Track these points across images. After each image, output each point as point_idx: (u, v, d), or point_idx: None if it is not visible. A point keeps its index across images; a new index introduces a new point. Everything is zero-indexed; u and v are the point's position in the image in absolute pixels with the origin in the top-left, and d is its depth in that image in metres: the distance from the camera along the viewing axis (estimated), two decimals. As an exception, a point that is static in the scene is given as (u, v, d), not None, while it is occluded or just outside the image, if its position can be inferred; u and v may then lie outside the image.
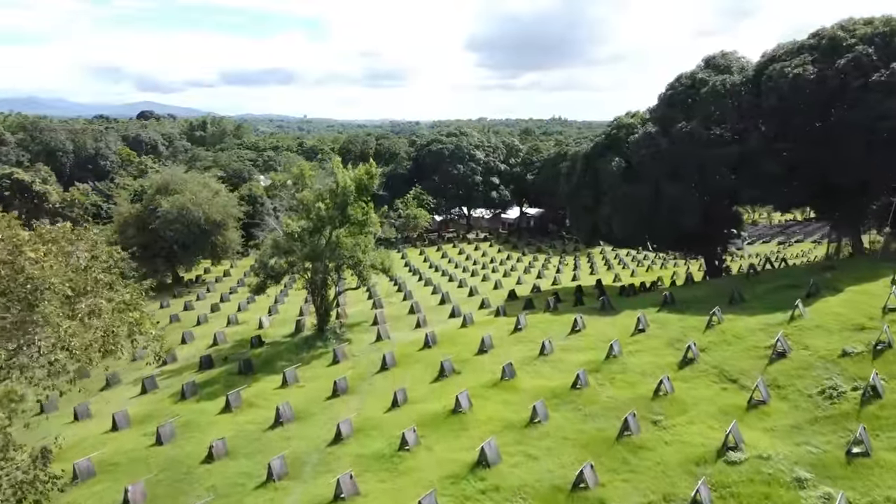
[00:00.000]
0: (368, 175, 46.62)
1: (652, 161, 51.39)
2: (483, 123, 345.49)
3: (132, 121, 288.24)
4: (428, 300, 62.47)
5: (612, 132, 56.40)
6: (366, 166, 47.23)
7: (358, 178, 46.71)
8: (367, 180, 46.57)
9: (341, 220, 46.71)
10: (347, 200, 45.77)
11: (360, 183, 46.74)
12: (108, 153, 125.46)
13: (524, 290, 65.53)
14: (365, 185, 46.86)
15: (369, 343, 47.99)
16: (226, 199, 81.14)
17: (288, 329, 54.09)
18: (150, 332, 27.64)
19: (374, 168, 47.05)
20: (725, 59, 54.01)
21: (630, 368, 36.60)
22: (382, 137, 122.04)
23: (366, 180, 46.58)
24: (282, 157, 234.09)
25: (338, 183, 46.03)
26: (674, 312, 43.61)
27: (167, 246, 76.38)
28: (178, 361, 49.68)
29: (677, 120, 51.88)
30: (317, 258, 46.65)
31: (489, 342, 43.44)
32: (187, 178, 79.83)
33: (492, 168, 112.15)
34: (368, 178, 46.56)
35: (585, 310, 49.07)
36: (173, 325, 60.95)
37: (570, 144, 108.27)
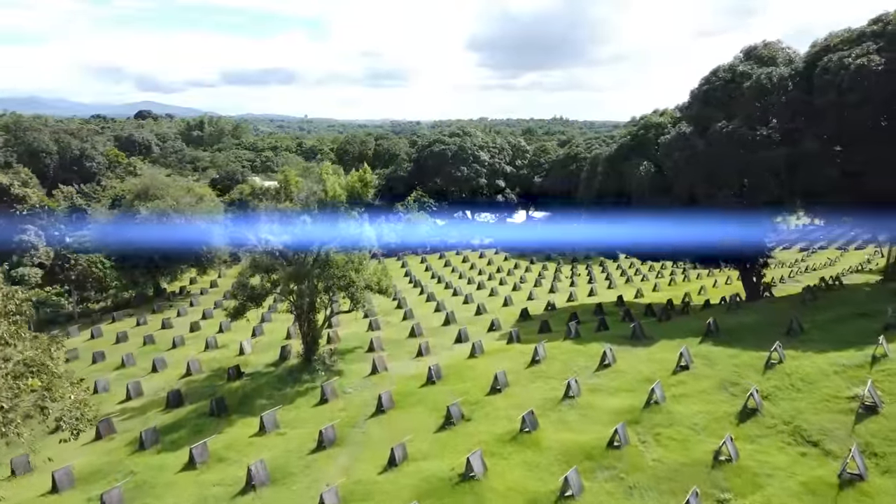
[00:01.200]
0: (362, 182, 39.92)
1: (686, 165, 44.63)
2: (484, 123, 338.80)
3: (129, 120, 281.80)
4: (430, 320, 55.67)
5: (638, 132, 49.60)
6: (359, 172, 40.51)
7: (349, 186, 40.01)
8: (359, 188, 39.89)
9: (331, 235, 39.98)
10: (338, 212, 39.02)
11: (353, 191, 40.04)
12: (94, 154, 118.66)
13: (537, 307, 58.72)
14: (358, 193, 40.15)
15: (363, 377, 41.20)
16: (211, 204, 74.38)
17: (272, 356, 47.32)
18: (67, 397, 20.78)
19: (369, 174, 40.35)
20: (769, 49, 47.19)
21: (677, 420, 29.87)
22: (382, 138, 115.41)
23: (359, 188, 39.90)
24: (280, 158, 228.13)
25: (326, 191, 39.29)
26: (721, 345, 36.85)
27: (147, 256, 69.65)
28: (145, 395, 42.90)
29: (715, 119, 45.14)
30: (303, 279, 39.94)
31: (503, 379, 36.68)
32: (169, 182, 73.08)
33: (497, 170, 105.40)
34: (362, 185, 39.87)
35: (613, 337, 42.30)
36: (146, 349, 54.19)
37: (581, 145, 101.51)
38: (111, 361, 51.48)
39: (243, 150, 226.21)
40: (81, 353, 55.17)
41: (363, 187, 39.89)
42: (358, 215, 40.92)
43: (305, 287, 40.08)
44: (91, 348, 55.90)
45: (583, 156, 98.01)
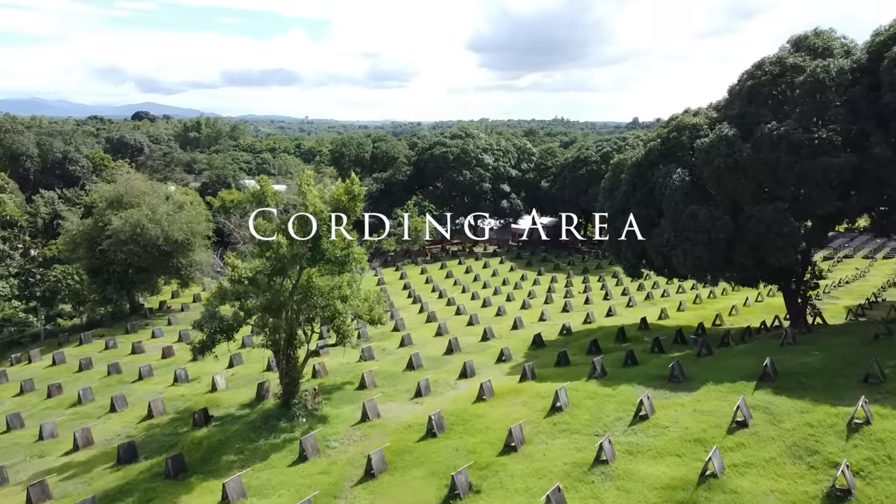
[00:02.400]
0: (349, 195, 33.22)
1: (730, 174, 37.93)
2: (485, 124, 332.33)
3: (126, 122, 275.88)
4: (431, 347, 48.99)
5: (669, 135, 42.83)
6: (345, 183, 33.79)
7: (335, 200, 33.31)
8: (346, 202, 33.17)
9: (312, 258, 33.30)
10: (320, 231, 32.31)
11: (338, 206, 33.35)
12: (78, 157, 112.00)
13: (550, 331, 51.99)
14: (344, 207, 33.45)
15: (351, 425, 34.44)
16: (192, 213, 67.66)
17: (247, 393, 40.63)
18: None
19: (357, 185, 33.60)
20: (822, 38, 40.48)
21: (745, 503, 23.21)
22: (380, 140, 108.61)
23: (345, 202, 33.18)
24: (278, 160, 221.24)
25: (307, 205, 32.60)
26: (783, 393, 30.12)
27: (120, 270, 63.07)
28: (95, 445, 36.16)
29: (762, 119, 38.44)
30: (279, 310, 33.27)
31: (519, 434, 29.96)
32: (146, 189, 66.36)
33: (501, 174, 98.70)
34: (349, 199, 33.15)
35: (645, 376, 35.54)
36: (110, 380, 47.57)
37: (591, 148, 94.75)
38: (68, 396, 44.88)
39: (241, 152, 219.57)
40: (38, 383, 48.65)
41: (350, 201, 33.18)
42: (345, 233, 34.22)
43: (283, 319, 33.38)
44: (49, 378, 49.33)
45: (593, 159, 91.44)
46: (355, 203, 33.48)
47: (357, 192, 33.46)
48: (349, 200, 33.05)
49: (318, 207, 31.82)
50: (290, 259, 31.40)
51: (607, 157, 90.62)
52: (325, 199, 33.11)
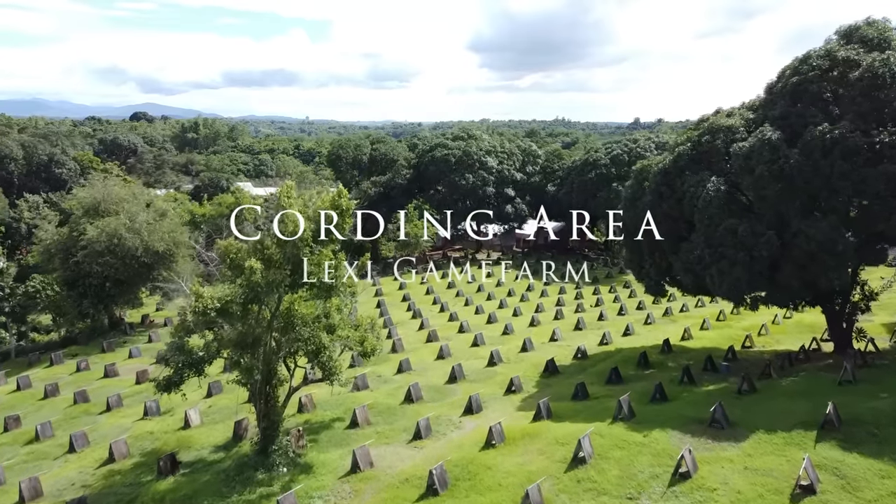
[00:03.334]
0: (337, 209, 28.15)
1: (774, 183, 32.88)
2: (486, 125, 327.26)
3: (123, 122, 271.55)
4: (432, 373, 43.97)
5: (701, 139, 37.72)
6: (331, 196, 28.71)
7: (319, 216, 28.26)
8: (332, 218, 28.11)
9: (293, 283, 28.28)
10: (301, 253, 27.29)
11: (327, 219, 28.32)
12: (64, 160, 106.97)
13: (564, 354, 46.95)
14: (332, 223, 28.42)
15: (339, 476, 29.38)
16: (175, 221, 62.59)
17: (224, 432, 35.56)
18: None
19: (345, 198, 28.54)
20: (876, 28, 35.40)
21: None
22: (378, 142, 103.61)
23: (331, 218, 28.12)
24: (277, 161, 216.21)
25: (286, 222, 27.58)
26: (854, 449, 25.06)
27: (97, 283, 58.08)
28: (43, 498, 31.14)
29: (810, 120, 33.42)
30: (254, 345, 28.22)
31: (537, 497, 24.92)
32: (126, 195, 61.33)
33: (506, 177, 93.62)
34: (337, 213, 28.09)
35: (681, 419, 30.48)
36: (74, 411, 42.56)
37: (601, 150, 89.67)
38: (26, 430, 39.82)
39: (239, 153, 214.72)
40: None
41: (340, 216, 28.12)
42: (333, 253, 29.20)
43: (259, 356, 28.34)
44: (11, 406, 44.37)
45: (602, 162, 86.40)
46: (344, 219, 28.43)
47: (346, 206, 28.40)
48: (339, 215, 28.00)
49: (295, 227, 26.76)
50: (264, 287, 26.33)
51: (617, 160, 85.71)
52: (308, 214, 28.06)
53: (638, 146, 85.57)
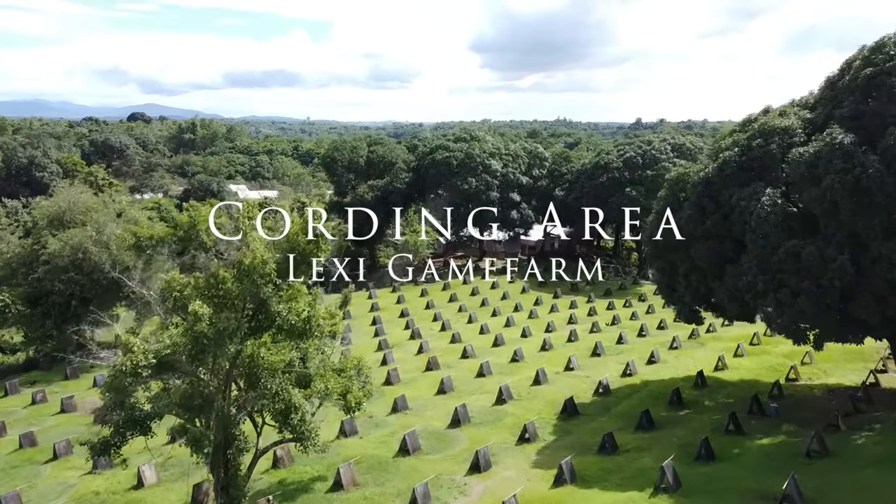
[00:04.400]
0: (307, 236, 22.02)
1: (848, 197, 26.75)
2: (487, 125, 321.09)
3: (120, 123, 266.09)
4: (432, 412, 37.85)
5: (751, 143, 31.56)
6: (301, 219, 22.56)
7: (290, 243, 22.17)
8: (304, 246, 22.01)
9: (257, 326, 22.21)
10: (262, 292, 21.16)
11: (294, 248, 22.21)
12: (46, 163, 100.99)
13: (582, 387, 40.80)
14: (303, 252, 22.32)
15: (314, 569, 23.35)
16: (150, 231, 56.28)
17: (180, 497, 29.46)
18: None
19: (320, 221, 22.40)
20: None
21: None
22: (376, 144, 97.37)
23: (302, 245, 22.02)
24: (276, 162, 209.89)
25: (246, 252, 21.47)
26: None
27: (61, 301, 52.07)
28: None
29: (892, 119, 27.27)
30: (204, 408, 22.13)
31: None
32: (94, 204, 55.23)
33: (511, 181, 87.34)
34: (308, 243, 21.98)
35: (740, 492, 24.36)
36: (17, 457, 36.43)
37: (612, 153, 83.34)
38: (-46, 486, 33.77)
39: (237, 154, 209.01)
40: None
41: (310, 245, 22.02)
42: (306, 287, 23.14)
43: (212, 421, 22.24)
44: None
45: (615, 165, 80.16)
46: (319, 247, 22.32)
47: (322, 230, 22.29)
48: (307, 244, 21.91)
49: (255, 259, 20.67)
50: (213, 339, 20.22)
51: (631, 163, 79.50)
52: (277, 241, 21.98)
53: (653, 149, 79.35)
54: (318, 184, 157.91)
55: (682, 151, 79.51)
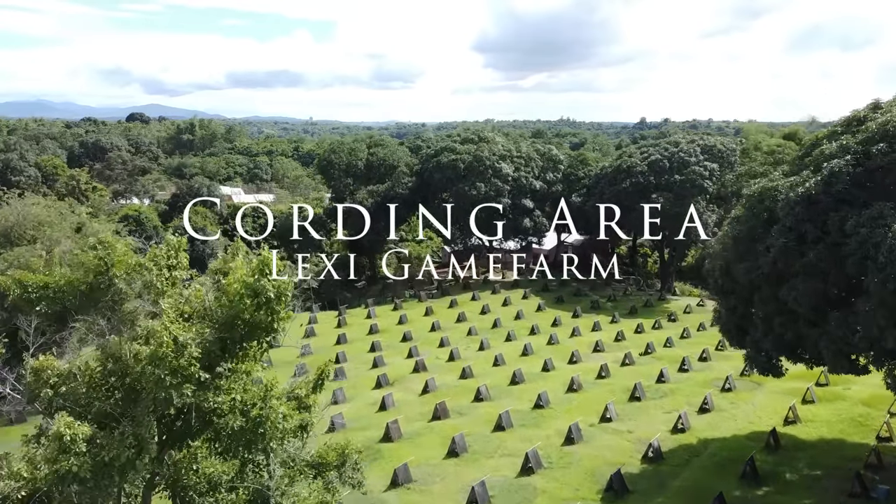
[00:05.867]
0: (259, 298, 14.02)
1: None
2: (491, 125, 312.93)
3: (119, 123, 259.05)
4: (440, 488, 29.82)
5: (870, 148, 23.50)
6: (256, 261, 14.54)
7: (232, 311, 14.16)
8: (251, 311, 14.04)
9: (180, 432, 14.30)
10: (179, 391, 13.21)
11: (238, 316, 14.21)
12: (22, 166, 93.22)
13: (627, 450, 32.79)
14: (252, 322, 14.33)
15: None
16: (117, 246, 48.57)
17: None
18: None
19: (275, 265, 14.36)
20: None
21: None
22: (377, 145, 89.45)
23: (249, 311, 14.05)
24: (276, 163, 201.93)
25: (152, 332, 13.52)
26: None
27: (6, 331, 44.14)
28: None
29: None
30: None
31: None
32: (46, 217, 47.34)
33: (523, 186, 79.37)
34: (257, 309, 13.98)
35: None
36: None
37: (635, 155, 75.21)
38: None
39: (236, 155, 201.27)
40: None
41: (261, 309, 14.07)
42: (260, 351, 15.19)
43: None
44: None
45: (639, 169, 72.02)
46: (275, 313, 14.36)
47: (283, 288, 14.31)
48: (259, 308, 13.98)
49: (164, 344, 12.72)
50: (93, 478, 12.32)
51: (656, 166, 71.38)
52: (202, 309, 14.06)
53: (680, 150, 71.21)
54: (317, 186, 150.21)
55: (713, 154, 71.40)
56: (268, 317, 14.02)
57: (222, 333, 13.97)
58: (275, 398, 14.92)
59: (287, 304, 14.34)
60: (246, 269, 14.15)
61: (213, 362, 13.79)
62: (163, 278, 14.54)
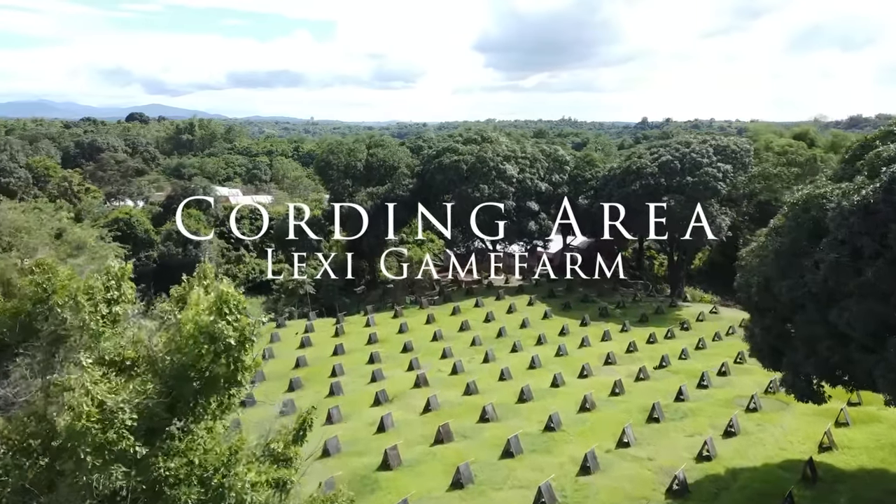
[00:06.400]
0: (216, 342, 10.96)
1: None
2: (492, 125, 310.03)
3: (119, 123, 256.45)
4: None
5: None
6: (215, 299, 11.52)
7: (182, 360, 11.08)
8: (206, 364, 10.96)
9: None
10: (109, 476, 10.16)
11: (193, 366, 11.13)
12: (12, 167, 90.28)
13: (648, 480, 29.74)
14: (204, 377, 11.24)
15: None
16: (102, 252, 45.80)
17: None
18: None
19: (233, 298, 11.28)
20: None
21: None
22: (376, 146, 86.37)
23: (205, 361, 10.99)
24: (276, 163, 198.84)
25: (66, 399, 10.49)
26: None
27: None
28: None
29: None
30: None
31: None
32: (23, 223, 44.30)
33: (529, 188, 76.33)
34: (215, 354, 10.94)
35: None
36: None
37: (645, 156, 72.05)
38: None
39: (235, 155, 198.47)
40: None
41: (226, 354, 11.06)
42: (220, 409, 12.14)
43: None
44: None
45: (649, 171, 68.95)
46: (239, 362, 11.30)
47: (248, 331, 11.25)
48: (217, 357, 10.94)
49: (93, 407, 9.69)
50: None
51: (667, 168, 68.29)
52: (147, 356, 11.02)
53: (692, 151, 68.07)
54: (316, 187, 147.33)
55: (727, 154, 68.29)
56: (229, 368, 11.07)
57: (172, 388, 11.03)
58: (241, 463, 11.96)
59: (252, 350, 11.33)
60: (205, 304, 11.22)
61: (158, 426, 10.87)
62: (97, 317, 11.53)
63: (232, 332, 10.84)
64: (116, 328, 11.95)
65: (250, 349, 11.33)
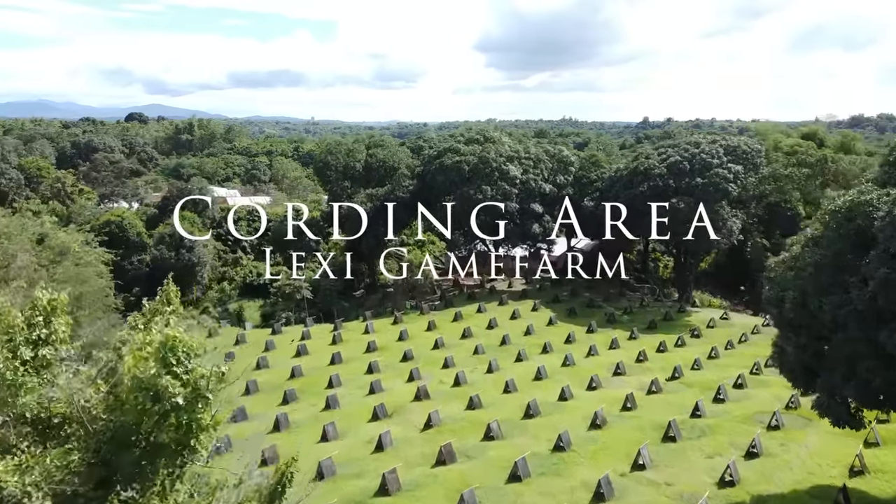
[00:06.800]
0: (160, 401, 8.62)
1: None
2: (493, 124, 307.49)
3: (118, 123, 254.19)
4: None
5: None
6: (156, 342, 9.17)
7: (126, 419, 8.74)
8: (152, 425, 8.63)
9: None
10: None
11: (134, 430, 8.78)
12: (4, 168, 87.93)
13: (669, 510, 27.41)
14: (152, 442, 8.88)
15: None
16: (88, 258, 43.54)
17: None
18: None
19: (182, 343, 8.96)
20: None
21: None
22: (376, 146, 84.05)
23: (149, 424, 8.64)
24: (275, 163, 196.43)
25: None
26: None
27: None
28: None
29: None
30: None
31: None
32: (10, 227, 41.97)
33: (532, 190, 73.96)
34: (161, 415, 8.61)
35: None
36: None
37: (653, 157, 69.71)
38: None
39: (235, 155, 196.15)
40: None
41: (175, 415, 8.75)
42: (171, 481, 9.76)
43: None
44: None
45: (657, 171, 66.56)
46: (193, 423, 8.95)
47: (203, 385, 8.92)
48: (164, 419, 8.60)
49: None
50: None
51: (676, 169, 65.90)
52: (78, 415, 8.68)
53: (701, 152, 65.69)
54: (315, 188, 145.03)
55: (737, 155, 65.90)
56: (178, 431, 8.73)
57: (108, 455, 8.71)
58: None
59: (210, 409, 8.98)
60: (148, 350, 8.88)
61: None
62: (15, 364, 9.14)
63: (179, 389, 8.47)
64: (43, 376, 9.56)
65: (207, 408, 8.95)
